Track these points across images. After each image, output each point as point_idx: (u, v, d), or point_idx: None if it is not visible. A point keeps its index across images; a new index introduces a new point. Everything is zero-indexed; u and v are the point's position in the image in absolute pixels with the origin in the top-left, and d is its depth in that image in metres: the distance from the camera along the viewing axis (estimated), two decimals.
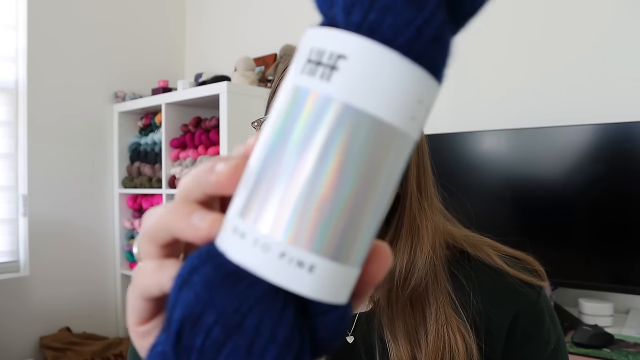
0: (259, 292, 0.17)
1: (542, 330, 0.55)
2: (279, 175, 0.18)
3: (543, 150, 1.51)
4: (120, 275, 2.57)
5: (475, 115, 1.81)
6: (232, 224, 0.19)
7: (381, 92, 0.17)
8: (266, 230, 0.17)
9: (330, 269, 0.18)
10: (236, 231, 0.18)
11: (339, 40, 0.17)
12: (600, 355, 1.21)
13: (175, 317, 0.18)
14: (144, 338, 0.23)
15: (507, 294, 0.55)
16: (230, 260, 0.18)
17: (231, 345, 0.17)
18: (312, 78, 0.17)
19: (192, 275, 0.18)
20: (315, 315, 0.18)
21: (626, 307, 1.52)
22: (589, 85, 1.60)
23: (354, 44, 0.17)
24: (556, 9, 1.68)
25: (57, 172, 2.38)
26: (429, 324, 0.50)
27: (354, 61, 0.17)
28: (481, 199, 1.61)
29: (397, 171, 0.19)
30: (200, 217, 0.20)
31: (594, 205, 1.43)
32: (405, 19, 0.17)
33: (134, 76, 2.66)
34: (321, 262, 0.17)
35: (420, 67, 0.17)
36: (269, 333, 0.17)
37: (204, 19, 2.83)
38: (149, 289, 0.22)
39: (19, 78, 2.30)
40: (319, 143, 0.17)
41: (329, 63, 0.17)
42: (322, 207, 0.17)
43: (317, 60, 0.18)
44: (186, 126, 2.27)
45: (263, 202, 0.18)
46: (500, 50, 1.78)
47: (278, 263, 0.17)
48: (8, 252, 2.27)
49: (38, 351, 2.25)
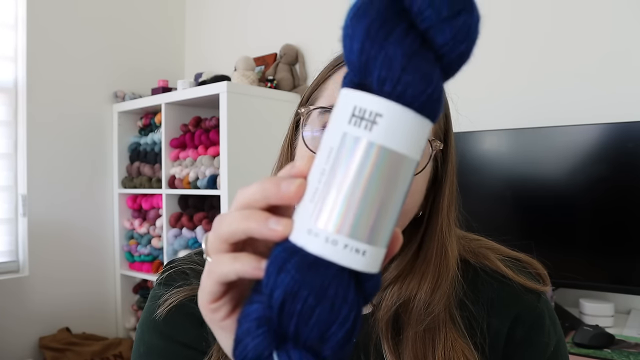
0: (333, 271, 0.26)
1: (542, 333, 0.55)
2: (340, 192, 0.26)
3: (544, 150, 1.50)
4: (120, 275, 2.56)
5: (476, 115, 1.81)
6: (307, 226, 0.27)
7: (404, 137, 0.27)
8: (333, 230, 0.26)
9: (373, 251, 0.27)
10: (311, 232, 0.27)
11: (376, 103, 0.26)
12: (601, 355, 1.20)
13: (277, 294, 0.26)
14: (215, 312, 0.32)
15: (508, 300, 0.55)
16: (310, 252, 0.27)
17: (320, 308, 0.26)
18: (359, 128, 0.26)
19: (285, 264, 0.27)
20: (364, 282, 0.28)
21: (627, 308, 1.52)
22: (591, 84, 1.60)
23: (387, 106, 0.26)
24: (558, 10, 1.67)
25: (57, 172, 2.37)
26: (436, 344, 0.50)
27: (387, 118, 0.26)
28: (482, 199, 1.60)
29: (407, 181, 0.28)
30: (276, 222, 0.28)
31: (596, 206, 1.43)
32: (420, 90, 0.26)
33: (133, 76, 2.66)
34: (369, 247, 0.27)
35: (427, 118, 0.27)
36: (342, 297, 0.26)
37: (204, 19, 2.83)
38: (227, 275, 0.29)
39: (18, 78, 2.29)
40: (369, 171, 0.26)
41: (370, 119, 0.26)
42: (371, 212, 0.27)
43: (361, 116, 0.26)
44: (186, 126, 2.26)
45: (330, 211, 0.27)
46: (502, 50, 1.78)
47: (343, 252, 0.26)
48: (7, 252, 2.27)
49: (37, 351, 2.24)
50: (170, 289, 0.57)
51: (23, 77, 2.27)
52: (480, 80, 1.82)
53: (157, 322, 0.56)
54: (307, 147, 0.52)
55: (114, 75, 2.59)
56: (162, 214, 2.34)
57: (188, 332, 0.55)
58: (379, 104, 0.26)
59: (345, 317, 0.26)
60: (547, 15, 1.70)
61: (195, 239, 2.22)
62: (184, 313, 0.55)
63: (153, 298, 0.58)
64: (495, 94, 1.79)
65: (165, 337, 0.55)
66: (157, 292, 0.58)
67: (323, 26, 2.22)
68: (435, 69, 0.26)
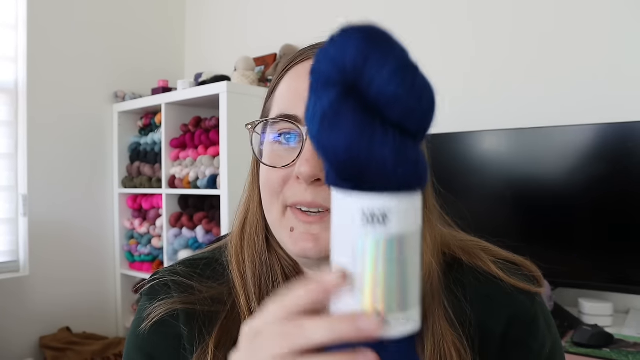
0: (405, 344, 0.31)
1: (536, 335, 0.55)
2: (379, 284, 0.29)
3: (544, 150, 1.51)
4: (120, 275, 2.56)
5: (475, 115, 1.81)
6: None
7: (411, 217, 0.30)
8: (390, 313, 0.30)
9: (417, 310, 0.31)
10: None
11: (382, 202, 0.29)
12: (600, 355, 1.21)
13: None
14: None
15: (502, 302, 0.54)
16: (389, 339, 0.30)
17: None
18: (374, 228, 0.29)
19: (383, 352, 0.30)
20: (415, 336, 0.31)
21: (626, 307, 1.52)
22: (591, 84, 1.60)
23: (392, 201, 0.29)
24: (558, 10, 1.68)
25: (57, 172, 2.38)
26: (426, 340, 0.50)
27: (395, 210, 0.29)
28: (482, 199, 1.61)
29: (420, 246, 0.31)
30: (368, 322, 0.29)
31: (595, 205, 1.43)
32: (412, 173, 0.29)
33: (133, 76, 2.66)
34: (415, 311, 0.31)
35: (420, 189, 0.30)
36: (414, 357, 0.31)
37: (204, 19, 2.83)
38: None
39: (18, 78, 2.30)
40: (397, 258, 0.29)
41: (380, 216, 0.29)
42: (408, 286, 0.30)
43: (371, 216, 0.29)
44: (186, 126, 2.27)
45: (376, 301, 0.30)
46: (502, 50, 1.78)
47: (403, 326, 0.30)
48: (8, 252, 2.27)
49: (38, 351, 2.25)
50: (153, 302, 0.57)
51: (24, 78, 2.28)
52: (480, 81, 1.82)
53: (140, 338, 0.56)
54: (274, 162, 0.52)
55: (114, 76, 2.60)
56: (162, 214, 2.34)
57: (167, 350, 0.55)
58: (384, 201, 0.29)
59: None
60: (547, 15, 1.70)
61: (195, 238, 2.23)
62: (163, 330, 0.55)
63: (139, 311, 0.59)
64: (495, 94, 1.79)
65: (146, 355, 0.56)
66: (141, 305, 0.59)
67: (323, 26, 2.21)
68: (416, 148, 0.29)
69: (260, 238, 0.57)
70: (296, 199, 0.50)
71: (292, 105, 0.51)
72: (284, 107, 0.52)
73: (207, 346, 0.52)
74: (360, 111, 0.28)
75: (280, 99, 0.54)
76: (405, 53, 0.28)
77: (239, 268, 0.56)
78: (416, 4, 1.99)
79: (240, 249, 0.57)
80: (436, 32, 1.93)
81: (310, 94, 0.30)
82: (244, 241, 0.57)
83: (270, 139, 0.53)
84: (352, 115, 0.27)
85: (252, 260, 0.56)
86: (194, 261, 0.62)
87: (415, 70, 0.28)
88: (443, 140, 1.64)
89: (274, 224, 0.53)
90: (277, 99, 0.55)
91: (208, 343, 0.52)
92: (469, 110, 1.82)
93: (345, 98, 0.28)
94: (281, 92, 0.54)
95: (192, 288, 0.57)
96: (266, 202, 0.54)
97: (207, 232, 2.19)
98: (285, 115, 0.51)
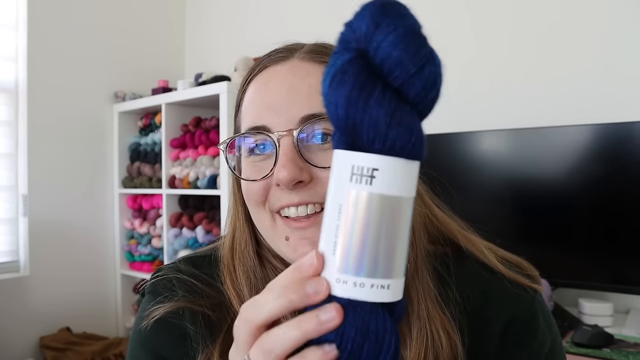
0: (368, 308, 0.31)
1: (536, 334, 0.55)
2: (357, 241, 0.30)
3: (543, 150, 1.51)
4: (120, 275, 2.57)
5: (475, 115, 1.81)
6: (335, 277, 0.31)
7: (399, 182, 0.31)
8: (359, 274, 0.30)
9: (395, 283, 0.31)
10: (339, 281, 0.31)
11: (370, 160, 0.30)
12: (600, 355, 1.21)
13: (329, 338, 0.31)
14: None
15: (501, 297, 0.55)
16: (343, 298, 0.31)
17: (367, 343, 0.30)
18: (360, 184, 0.30)
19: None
20: (393, 308, 0.32)
21: (626, 307, 1.52)
22: (591, 84, 1.60)
23: (380, 161, 0.30)
24: (557, 10, 1.68)
25: (57, 172, 2.38)
26: (412, 321, 0.49)
27: (382, 170, 0.30)
28: (481, 199, 1.61)
29: (409, 217, 0.32)
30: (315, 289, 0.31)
31: (594, 205, 1.43)
32: (405, 140, 0.30)
33: (134, 76, 2.66)
34: (391, 281, 0.31)
35: (416, 160, 0.31)
36: (383, 328, 0.30)
37: (204, 19, 2.83)
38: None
39: (19, 78, 2.30)
40: (376, 218, 0.30)
41: (368, 174, 0.30)
42: (386, 252, 0.31)
43: (359, 173, 0.30)
44: (186, 126, 2.27)
45: (352, 259, 0.31)
46: (501, 50, 1.78)
47: (371, 291, 0.31)
48: (8, 252, 2.27)
49: (38, 351, 2.25)
50: (157, 298, 0.57)
51: (24, 78, 2.28)
52: (479, 81, 1.82)
53: (144, 335, 0.56)
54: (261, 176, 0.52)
55: (115, 76, 2.60)
56: (162, 214, 2.34)
57: (172, 347, 0.55)
58: (373, 160, 0.30)
59: (388, 344, 0.31)
60: (547, 15, 1.70)
61: (195, 238, 2.23)
62: (168, 327, 0.55)
63: (142, 309, 0.59)
64: (494, 94, 1.79)
65: (151, 352, 0.56)
66: (145, 302, 0.59)
67: (323, 26, 2.22)
68: (413, 117, 0.30)
69: (251, 254, 0.57)
70: (282, 202, 0.50)
71: (259, 116, 0.51)
72: (251, 120, 0.52)
73: (212, 355, 0.52)
74: (364, 73, 0.30)
75: (247, 112, 0.54)
76: (415, 24, 0.30)
77: (234, 286, 0.56)
78: (416, 4, 1.98)
79: (233, 267, 0.57)
80: (436, 32, 1.93)
81: (331, 56, 0.32)
82: (234, 260, 0.57)
83: (245, 154, 0.53)
84: (355, 76, 0.30)
85: (247, 277, 0.56)
86: (196, 259, 0.61)
87: (422, 40, 0.30)
88: (442, 140, 1.64)
89: (267, 234, 0.54)
90: (243, 113, 0.55)
91: (212, 352, 0.52)
92: (468, 110, 1.82)
93: (355, 60, 0.30)
94: (246, 105, 0.54)
95: (197, 288, 0.57)
96: (254, 214, 0.54)
97: (207, 232, 2.19)
98: (254, 128, 0.51)
